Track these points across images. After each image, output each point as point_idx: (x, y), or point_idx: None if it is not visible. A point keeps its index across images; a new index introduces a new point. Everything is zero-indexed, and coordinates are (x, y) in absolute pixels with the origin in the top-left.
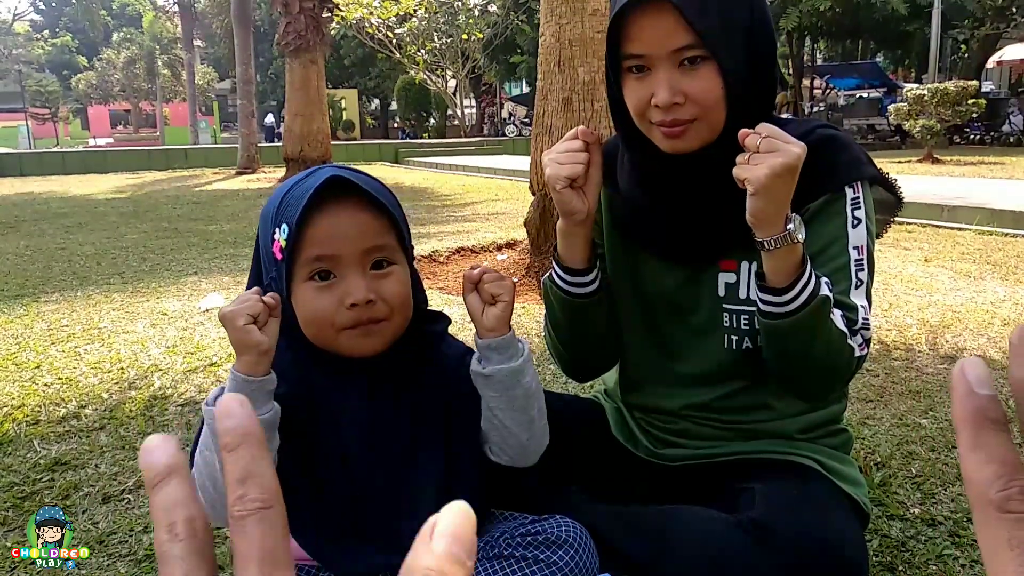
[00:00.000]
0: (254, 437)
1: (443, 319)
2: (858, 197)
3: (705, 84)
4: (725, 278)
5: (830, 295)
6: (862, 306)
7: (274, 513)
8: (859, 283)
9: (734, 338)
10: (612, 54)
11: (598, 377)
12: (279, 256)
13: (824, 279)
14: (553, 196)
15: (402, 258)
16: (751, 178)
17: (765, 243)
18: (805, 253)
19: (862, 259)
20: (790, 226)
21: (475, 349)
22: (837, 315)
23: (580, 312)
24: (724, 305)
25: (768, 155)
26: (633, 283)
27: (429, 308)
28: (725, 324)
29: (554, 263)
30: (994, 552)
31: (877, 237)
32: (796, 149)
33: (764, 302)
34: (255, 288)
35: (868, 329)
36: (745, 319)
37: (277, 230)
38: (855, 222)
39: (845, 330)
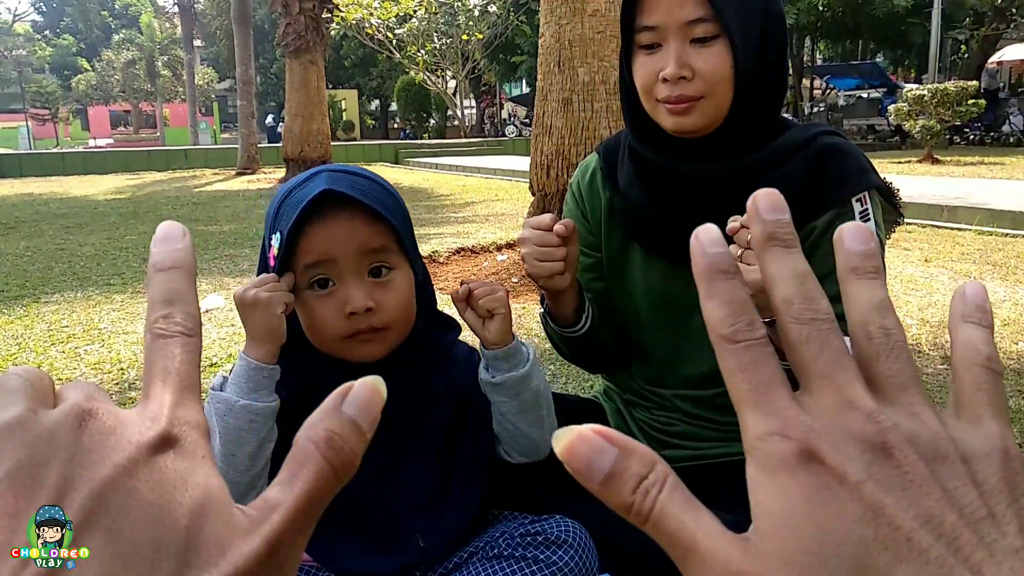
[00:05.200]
0: (188, 268)
1: (455, 327)
2: (866, 209)
3: (714, 61)
4: None
5: None
6: None
7: (195, 343)
8: None
9: None
10: (625, 31)
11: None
12: (272, 263)
13: None
14: (535, 282)
15: (403, 262)
16: (748, 282)
17: (764, 322)
18: None
19: None
20: None
21: (483, 359)
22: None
23: (577, 342)
24: None
25: None
26: (632, 285)
27: (443, 313)
28: None
29: (543, 310)
30: (730, 376)
31: None
32: None
33: None
34: (271, 275)
35: None
36: None
37: (273, 237)
38: None
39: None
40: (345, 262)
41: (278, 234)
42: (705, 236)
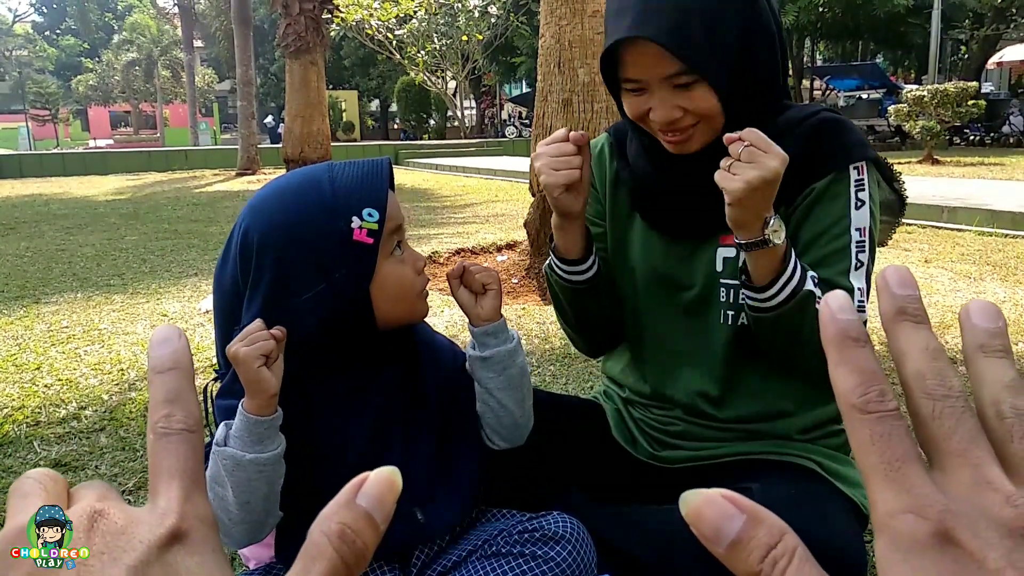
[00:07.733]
0: (186, 368)
1: None
2: (862, 179)
3: (700, 102)
4: (724, 252)
5: (815, 290)
6: (859, 288)
7: (196, 438)
8: (859, 264)
9: (730, 313)
10: (609, 74)
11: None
12: (370, 240)
13: (811, 273)
14: (550, 200)
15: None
16: (728, 189)
17: (742, 244)
18: (789, 251)
19: (864, 240)
20: (767, 230)
21: (471, 337)
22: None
23: (581, 296)
24: (721, 280)
25: (747, 167)
26: (632, 258)
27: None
28: (722, 299)
29: (552, 254)
30: (860, 447)
31: (881, 245)
32: (774, 163)
33: (747, 297)
34: (258, 321)
35: (864, 312)
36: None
37: (356, 219)
38: (858, 203)
39: None
40: (403, 229)
41: (370, 209)
42: (835, 302)
